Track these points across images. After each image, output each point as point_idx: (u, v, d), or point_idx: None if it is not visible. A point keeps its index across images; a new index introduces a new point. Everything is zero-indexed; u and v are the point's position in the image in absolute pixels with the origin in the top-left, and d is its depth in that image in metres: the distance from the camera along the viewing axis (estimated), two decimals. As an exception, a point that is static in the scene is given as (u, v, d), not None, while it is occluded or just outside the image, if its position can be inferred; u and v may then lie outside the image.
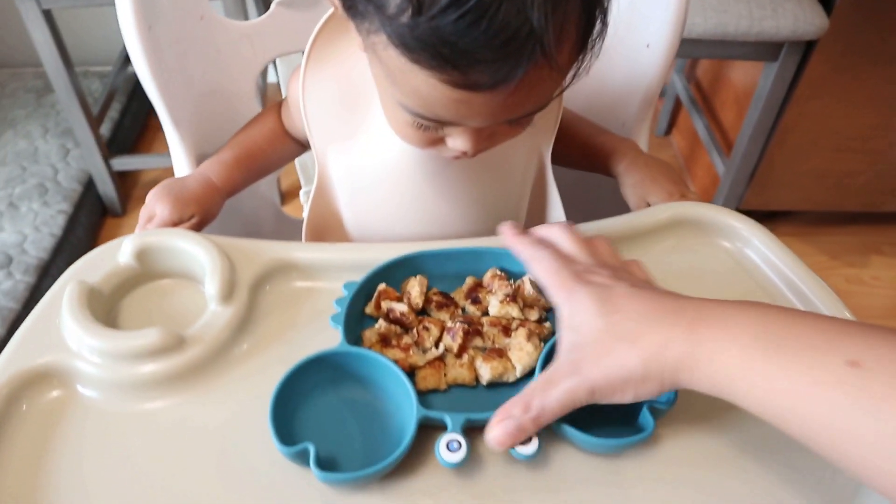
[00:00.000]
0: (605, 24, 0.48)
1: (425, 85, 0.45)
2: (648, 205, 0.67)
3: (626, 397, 0.43)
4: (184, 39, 0.66)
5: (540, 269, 0.49)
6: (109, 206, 1.75)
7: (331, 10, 0.58)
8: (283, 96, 0.70)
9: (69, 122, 1.60)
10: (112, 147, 1.75)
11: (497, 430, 0.43)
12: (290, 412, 0.47)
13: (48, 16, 1.40)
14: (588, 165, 0.74)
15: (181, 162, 0.69)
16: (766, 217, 1.89)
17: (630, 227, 0.62)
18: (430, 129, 0.51)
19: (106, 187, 1.71)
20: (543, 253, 0.49)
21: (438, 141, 0.53)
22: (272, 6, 0.71)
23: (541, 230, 0.53)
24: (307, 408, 0.48)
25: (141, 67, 0.61)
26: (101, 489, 0.45)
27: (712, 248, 0.62)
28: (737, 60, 1.69)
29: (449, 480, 0.46)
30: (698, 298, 0.44)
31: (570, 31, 0.44)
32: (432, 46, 0.41)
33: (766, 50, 1.39)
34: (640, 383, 0.42)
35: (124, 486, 0.45)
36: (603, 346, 0.43)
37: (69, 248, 1.55)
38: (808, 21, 1.31)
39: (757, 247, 0.61)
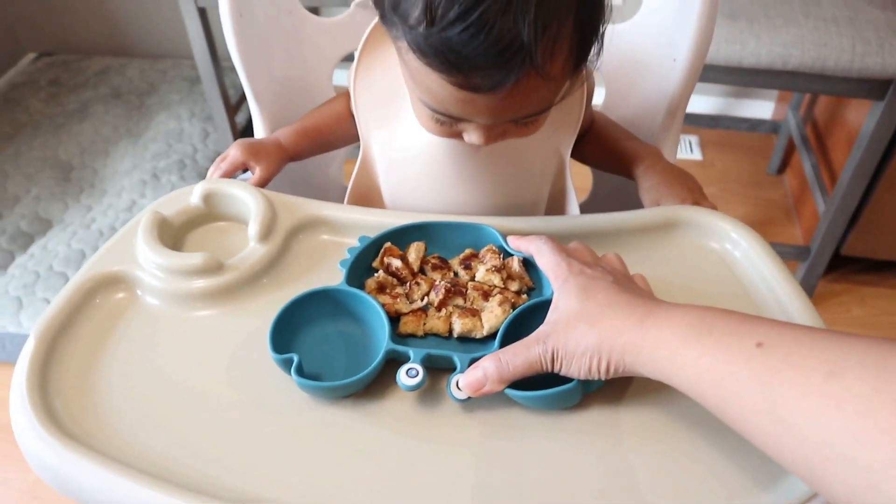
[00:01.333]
0: (600, 42, 0.56)
1: (437, 85, 0.54)
2: (661, 209, 0.72)
3: (581, 370, 0.49)
4: (270, 29, 0.79)
5: (543, 260, 0.56)
6: (237, 186, 1.95)
7: (372, 25, 0.69)
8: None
9: (211, 109, 1.81)
10: (244, 134, 1.97)
11: (467, 375, 0.51)
12: (291, 331, 0.57)
13: (202, 13, 1.60)
14: (614, 168, 0.79)
15: (259, 132, 0.82)
16: (875, 267, 1.81)
17: (629, 222, 0.67)
18: (447, 124, 0.60)
19: (236, 169, 1.91)
20: (547, 246, 0.57)
21: (456, 134, 0.62)
22: (351, 6, 0.82)
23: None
24: (305, 330, 0.58)
25: (232, 48, 0.75)
26: (141, 374, 0.57)
27: (703, 249, 0.66)
28: (852, 98, 1.65)
29: (408, 406, 0.54)
30: (658, 300, 0.51)
31: (561, 47, 0.52)
32: (441, 53, 0.50)
33: (871, 88, 1.36)
34: (594, 359, 0.48)
35: (158, 373, 0.57)
36: (571, 323, 0.50)
37: (196, 218, 1.75)
38: (916, 61, 1.27)
39: (746, 250, 0.64)
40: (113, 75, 2.14)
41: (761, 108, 2.23)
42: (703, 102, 2.23)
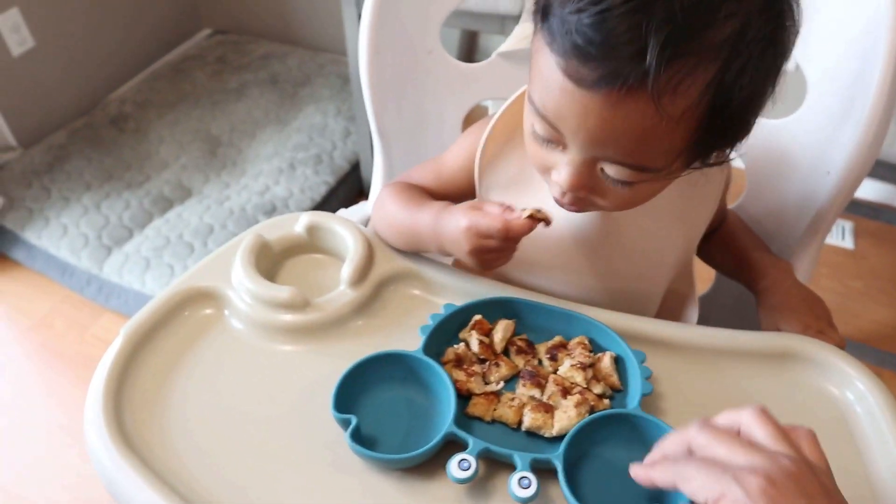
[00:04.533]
0: (742, 129, 0.51)
1: (548, 68, 0.50)
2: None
3: None
4: (406, 67, 0.78)
5: (693, 488, 0.41)
6: (366, 188, 1.99)
7: (524, 88, 0.65)
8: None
9: (356, 110, 1.85)
10: (384, 139, 2.00)
11: None
12: (358, 389, 0.56)
13: (361, 17, 1.64)
14: (737, 276, 0.73)
15: (378, 167, 0.82)
16: None
17: (737, 343, 0.61)
18: (544, 147, 0.55)
19: (368, 172, 1.95)
20: (689, 469, 0.41)
21: (549, 168, 0.56)
22: (493, 55, 0.80)
23: (726, 417, 0.46)
24: (372, 390, 0.56)
25: (364, 82, 0.75)
26: (211, 397, 0.58)
27: (819, 393, 0.59)
28: None
29: (460, 493, 0.52)
30: None
31: (688, 92, 0.47)
32: (566, 34, 0.48)
33: None
34: None
35: (226, 400, 0.58)
36: None
37: (320, 213, 1.80)
38: None
39: (870, 407, 0.57)
40: (274, 61, 2.24)
41: (934, 204, 2.02)
42: (867, 188, 2.05)
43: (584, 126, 0.50)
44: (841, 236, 2.00)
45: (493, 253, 0.59)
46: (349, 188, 1.92)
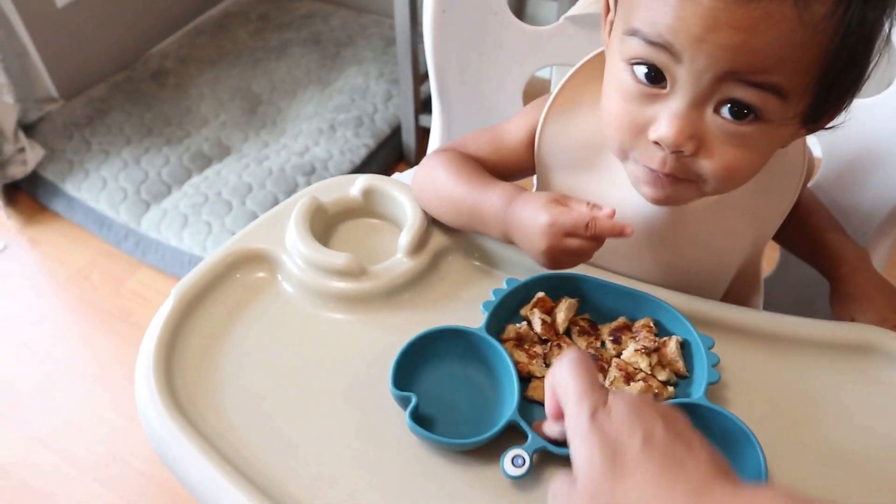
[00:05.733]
0: (861, 74, 0.47)
1: None
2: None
3: None
4: (472, 29, 0.74)
5: (561, 392, 0.42)
6: (406, 153, 1.96)
7: (590, 56, 0.61)
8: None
9: (399, 73, 1.81)
10: (426, 105, 1.96)
11: None
12: (416, 364, 0.53)
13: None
14: (810, 259, 0.69)
15: (436, 130, 0.79)
16: None
17: (810, 332, 0.58)
18: (640, 99, 0.49)
19: (409, 137, 1.92)
20: (572, 367, 0.42)
21: (643, 126, 0.50)
22: (561, 18, 0.76)
23: None
24: (431, 366, 0.54)
25: (427, 42, 0.71)
26: (261, 365, 0.56)
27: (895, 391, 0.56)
28: None
29: (514, 482, 0.49)
30: (729, 487, 0.35)
31: None
32: None
33: None
34: None
35: (277, 368, 0.56)
36: None
37: (359, 177, 1.78)
38: None
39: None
40: (318, 21, 2.20)
41: None
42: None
43: (712, 30, 0.43)
44: None
45: (572, 254, 0.54)
46: (390, 152, 1.89)
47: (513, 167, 0.67)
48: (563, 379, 0.42)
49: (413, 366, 0.53)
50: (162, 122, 1.86)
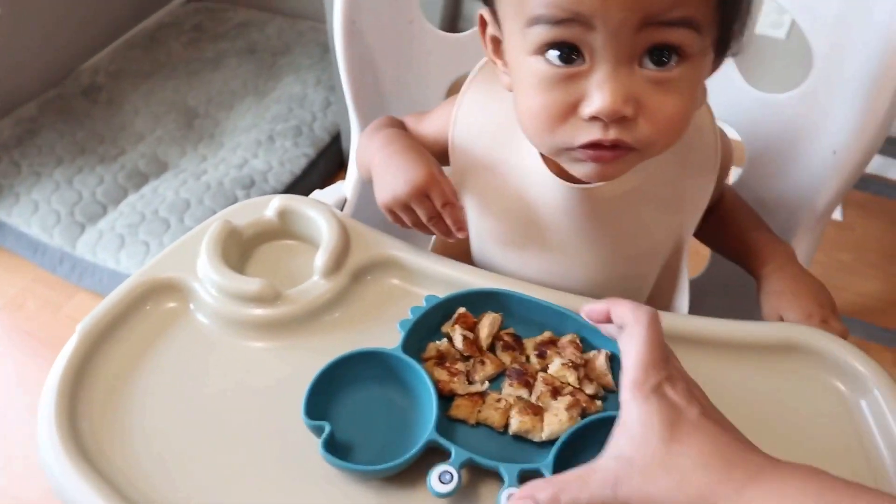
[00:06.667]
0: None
1: None
2: (782, 320, 0.62)
3: None
4: (386, 38, 0.73)
5: (634, 348, 0.45)
6: (347, 160, 1.92)
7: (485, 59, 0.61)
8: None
9: (336, 79, 1.79)
10: (367, 110, 1.94)
11: (514, 502, 0.44)
12: (332, 390, 0.52)
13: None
14: (735, 258, 0.69)
15: (355, 147, 0.77)
16: None
17: (736, 334, 0.58)
18: (562, 83, 0.48)
19: (349, 143, 1.88)
20: (648, 330, 0.45)
21: (571, 109, 0.49)
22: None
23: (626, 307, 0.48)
24: (348, 391, 0.52)
25: (339, 55, 0.70)
26: (174, 399, 0.54)
27: (824, 388, 0.56)
28: None
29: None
30: (760, 455, 0.42)
31: None
32: None
33: None
34: None
35: (191, 401, 0.54)
36: (651, 473, 0.41)
37: (301, 188, 1.75)
38: None
39: (875, 400, 0.54)
40: (252, 30, 2.16)
41: (925, 175, 1.99)
42: (859, 158, 2.02)
43: None
44: (832, 208, 1.97)
45: (411, 213, 0.59)
46: (330, 160, 1.87)
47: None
48: (640, 333, 0.45)
49: (329, 392, 0.51)
50: (95, 139, 1.81)
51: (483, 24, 0.55)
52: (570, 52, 0.47)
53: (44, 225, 1.60)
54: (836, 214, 2.00)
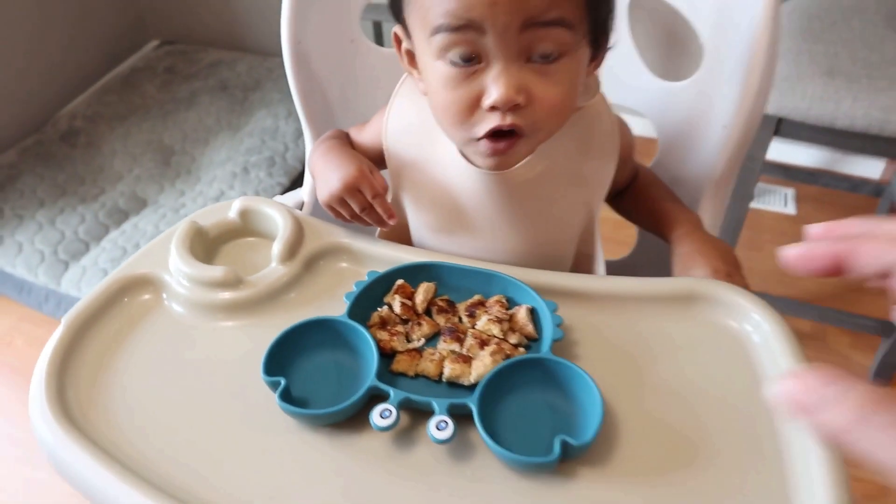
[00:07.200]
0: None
1: None
2: (691, 277, 0.70)
3: None
4: (330, 57, 0.82)
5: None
6: (321, 187, 2.02)
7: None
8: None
9: (304, 110, 1.88)
10: (336, 138, 2.03)
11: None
12: (288, 355, 0.59)
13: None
14: (652, 228, 0.78)
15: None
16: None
17: (645, 290, 0.65)
18: (463, 82, 0.58)
19: (321, 171, 1.98)
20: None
21: (475, 102, 0.58)
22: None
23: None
24: (302, 355, 0.60)
25: (289, 74, 0.78)
26: (152, 376, 0.61)
27: (722, 329, 0.64)
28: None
29: (387, 442, 0.55)
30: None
31: None
32: None
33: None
34: None
35: (167, 376, 0.61)
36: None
37: (276, 214, 1.82)
38: None
39: (766, 334, 0.61)
40: (224, 68, 2.26)
41: (869, 167, 2.10)
42: (804, 155, 2.12)
43: (507, 3, 0.53)
44: (783, 203, 2.08)
45: (345, 206, 0.68)
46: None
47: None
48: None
49: (285, 357, 0.59)
50: (75, 181, 1.88)
51: (398, 40, 0.65)
52: (469, 54, 0.57)
53: (28, 265, 1.67)
54: (791, 209, 2.09)
